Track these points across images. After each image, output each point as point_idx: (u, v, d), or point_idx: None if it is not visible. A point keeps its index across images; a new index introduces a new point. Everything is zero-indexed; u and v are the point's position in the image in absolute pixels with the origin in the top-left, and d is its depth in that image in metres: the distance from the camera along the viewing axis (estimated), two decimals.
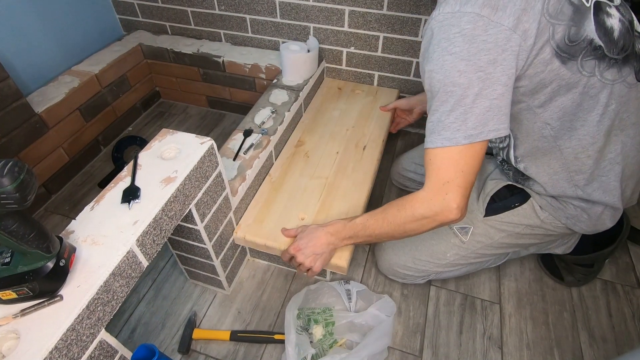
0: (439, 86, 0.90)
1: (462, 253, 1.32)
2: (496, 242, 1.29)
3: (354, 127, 1.78)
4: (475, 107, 0.89)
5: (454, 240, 1.32)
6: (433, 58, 0.90)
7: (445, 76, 0.89)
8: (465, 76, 0.87)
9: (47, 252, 0.74)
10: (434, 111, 0.94)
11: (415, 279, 1.43)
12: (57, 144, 1.81)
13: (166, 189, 0.95)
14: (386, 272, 1.47)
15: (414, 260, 1.37)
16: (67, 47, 1.95)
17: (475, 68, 0.86)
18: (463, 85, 0.87)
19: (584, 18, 0.90)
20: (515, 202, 1.23)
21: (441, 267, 1.37)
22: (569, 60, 0.90)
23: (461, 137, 0.91)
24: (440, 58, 0.88)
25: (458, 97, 0.89)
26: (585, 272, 1.47)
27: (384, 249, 1.45)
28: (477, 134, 0.91)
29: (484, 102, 0.88)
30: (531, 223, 1.22)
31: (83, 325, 0.77)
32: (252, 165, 1.40)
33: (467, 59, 0.85)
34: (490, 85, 0.87)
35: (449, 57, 0.87)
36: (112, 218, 0.89)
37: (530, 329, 1.39)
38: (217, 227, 1.24)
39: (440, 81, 0.90)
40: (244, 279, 1.53)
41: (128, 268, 0.86)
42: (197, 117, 2.33)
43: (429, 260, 1.35)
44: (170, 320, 1.41)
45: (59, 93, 1.78)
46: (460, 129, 0.91)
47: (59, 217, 1.77)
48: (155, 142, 1.07)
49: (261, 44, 2.09)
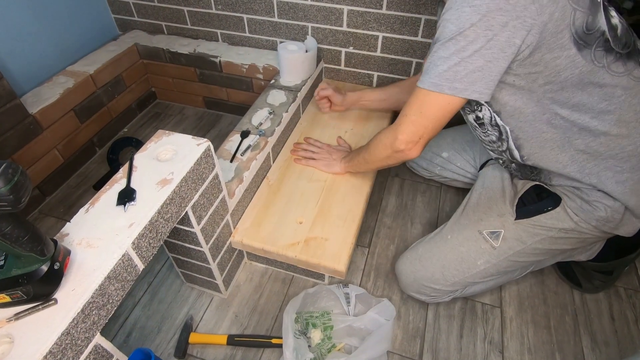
0: (449, 35, 0.93)
1: (493, 260, 1.27)
2: (529, 247, 1.24)
3: (352, 130, 1.79)
4: (470, 62, 0.93)
5: (484, 245, 1.27)
6: (453, 7, 0.91)
7: (458, 27, 0.91)
8: (474, 30, 0.89)
9: (41, 255, 0.74)
10: (434, 53, 0.98)
11: (443, 294, 1.37)
12: (51, 146, 1.81)
13: (162, 191, 0.95)
14: (410, 289, 1.40)
15: (443, 270, 1.31)
16: (61, 47, 1.95)
17: (486, 25, 0.88)
18: (469, 38, 0.91)
19: (597, 10, 0.93)
20: (548, 205, 1.21)
21: (471, 278, 1.30)
22: (584, 47, 0.93)
23: (446, 87, 0.98)
24: (460, 8, 0.90)
25: (459, 47, 0.92)
26: (604, 279, 1.46)
27: (409, 261, 1.39)
28: (462, 89, 0.97)
29: (478, 61, 0.92)
30: (565, 226, 1.19)
31: (78, 329, 0.77)
32: (250, 167, 1.41)
33: (483, 14, 0.87)
34: (492, 47, 0.90)
35: (468, 9, 0.89)
36: (107, 220, 0.90)
37: (531, 333, 1.39)
38: (213, 229, 1.25)
39: (452, 31, 0.92)
40: (241, 283, 1.53)
41: (123, 271, 0.86)
42: (193, 118, 2.33)
43: (458, 270, 1.30)
44: (167, 324, 1.42)
45: (54, 94, 1.78)
46: (448, 80, 0.97)
47: (54, 219, 1.77)
48: (151, 143, 1.08)
49: (259, 43, 2.09)
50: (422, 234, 1.65)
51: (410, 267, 1.37)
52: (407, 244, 1.60)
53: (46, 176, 1.82)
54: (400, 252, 1.57)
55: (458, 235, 1.31)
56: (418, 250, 1.38)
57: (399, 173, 1.94)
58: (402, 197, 1.84)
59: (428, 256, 1.35)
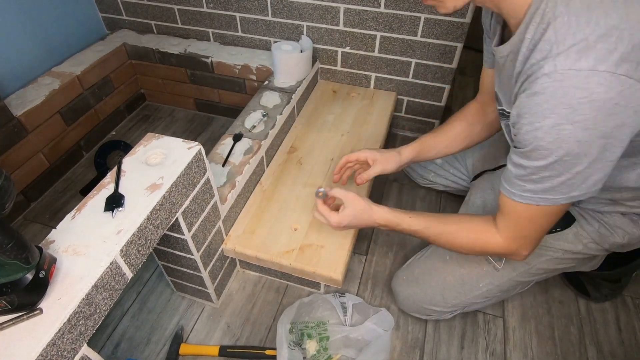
0: (546, 153, 0.81)
1: (496, 282, 1.26)
2: (533, 267, 1.23)
3: (349, 133, 1.79)
4: (588, 173, 0.82)
5: (486, 267, 1.26)
6: (544, 124, 0.78)
7: (558, 146, 0.78)
8: (584, 145, 0.77)
9: (26, 263, 0.74)
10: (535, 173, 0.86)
11: (443, 314, 1.37)
12: (36, 149, 1.81)
13: (151, 196, 0.95)
14: (409, 309, 1.42)
15: (443, 293, 1.30)
16: (47, 46, 1.96)
17: (598, 135, 0.76)
18: (579, 154, 0.79)
19: None
20: (557, 226, 1.17)
21: (473, 299, 1.30)
22: None
23: (562, 199, 0.88)
24: (557, 127, 0.77)
25: (569, 165, 0.81)
26: (612, 288, 1.47)
27: (406, 282, 1.38)
28: (581, 195, 0.86)
29: (597, 165, 0.81)
30: (572, 249, 1.18)
31: (64, 340, 0.77)
32: (242, 171, 1.41)
33: (592, 128, 0.75)
34: (610, 149, 0.79)
35: (569, 127, 0.76)
36: (94, 227, 0.90)
37: (535, 343, 1.40)
38: (205, 236, 1.25)
39: (550, 150, 0.80)
40: (234, 292, 1.53)
41: (111, 280, 0.86)
42: (184, 120, 2.34)
43: (459, 292, 1.29)
44: (156, 334, 1.42)
45: (39, 95, 1.79)
46: (563, 193, 0.86)
47: (39, 226, 1.77)
48: (140, 147, 1.08)
49: (252, 43, 2.10)
50: (421, 242, 1.65)
51: (408, 290, 1.38)
52: (406, 252, 1.61)
53: (31, 181, 1.82)
54: (398, 261, 1.58)
55: (458, 255, 1.29)
56: (414, 270, 1.38)
57: (398, 178, 1.95)
58: (400, 203, 1.85)
59: (427, 279, 1.34)
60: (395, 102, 2.01)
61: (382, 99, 2.00)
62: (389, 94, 2.02)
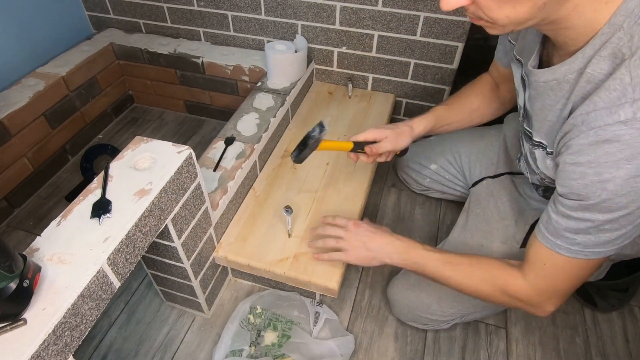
0: (615, 207, 0.77)
1: None
2: None
3: (345, 136, 1.80)
4: None
5: None
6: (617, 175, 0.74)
7: (632, 199, 0.75)
8: None
9: (9, 272, 0.74)
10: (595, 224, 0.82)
11: (440, 324, 1.37)
12: (20, 153, 1.81)
13: (140, 202, 0.96)
14: (405, 318, 1.42)
15: (440, 301, 1.30)
16: (31, 46, 1.96)
17: None
18: None
19: None
20: None
21: (472, 308, 1.30)
22: None
23: (612, 250, 0.85)
24: (632, 179, 0.73)
25: (636, 217, 0.78)
26: (620, 297, 1.48)
27: (401, 290, 1.38)
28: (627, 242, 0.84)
29: None
30: None
31: (49, 351, 0.77)
32: (234, 176, 1.42)
33: None
34: None
35: None
36: (80, 234, 0.90)
37: (539, 356, 1.40)
38: (196, 244, 1.26)
39: (621, 204, 0.76)
40: (225, 301, 1.54)
41: (98, 289, 0.87)
42: (174, 123, 2.35)
43: (456, 300, 1.28)
44: (145, 346, 1.42)
45: (23, 97, 1.79)
46: (616, 244, 0.84)
47: (23, 233, 1.77)
48: (128, 151, 1.08)
49: (244, 43, 2.11)
50: None
51: (404, 298, 1.38)
52: None
53: (14, 186, 1.83)
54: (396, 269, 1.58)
55: None
56: (410, 278, 1.37)
57: (396, 183, 1.96)
58: (399, 209, 1.85)
59: (423, 287, 1.33)
60: (393, 104, 2.02)
61: (380, 100, 2.01)
62: (387, 96, 2.03)
